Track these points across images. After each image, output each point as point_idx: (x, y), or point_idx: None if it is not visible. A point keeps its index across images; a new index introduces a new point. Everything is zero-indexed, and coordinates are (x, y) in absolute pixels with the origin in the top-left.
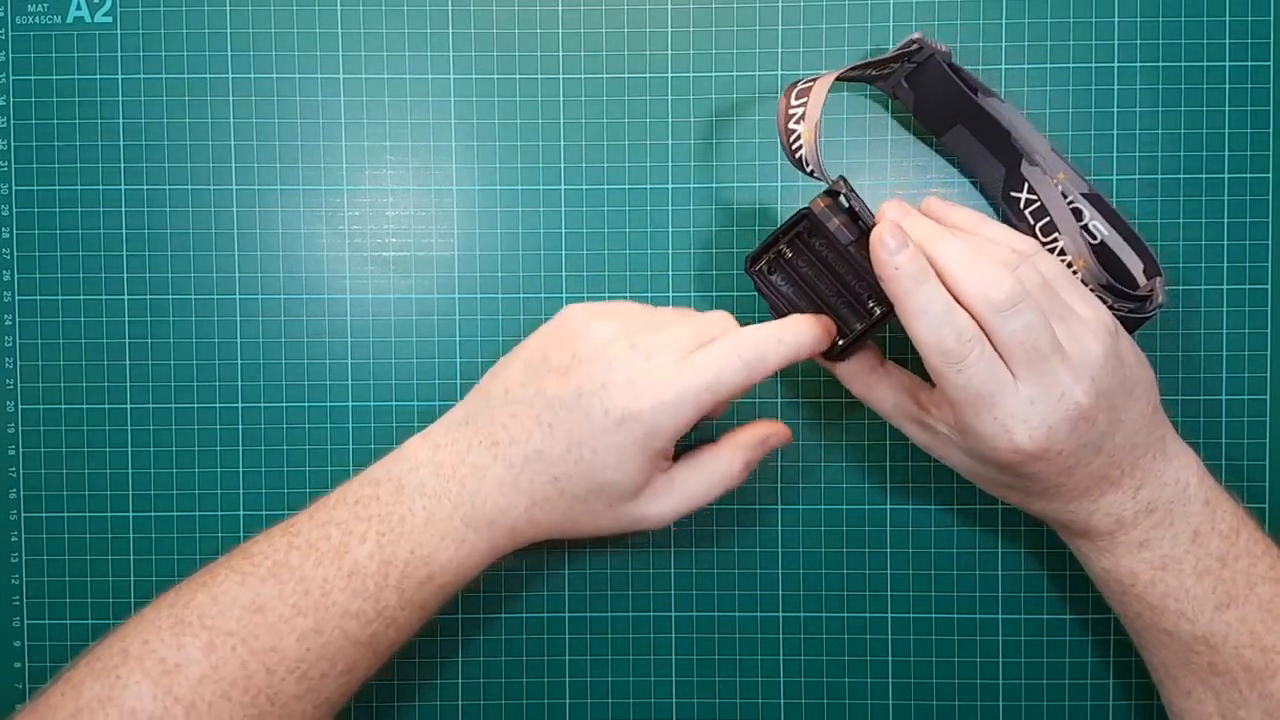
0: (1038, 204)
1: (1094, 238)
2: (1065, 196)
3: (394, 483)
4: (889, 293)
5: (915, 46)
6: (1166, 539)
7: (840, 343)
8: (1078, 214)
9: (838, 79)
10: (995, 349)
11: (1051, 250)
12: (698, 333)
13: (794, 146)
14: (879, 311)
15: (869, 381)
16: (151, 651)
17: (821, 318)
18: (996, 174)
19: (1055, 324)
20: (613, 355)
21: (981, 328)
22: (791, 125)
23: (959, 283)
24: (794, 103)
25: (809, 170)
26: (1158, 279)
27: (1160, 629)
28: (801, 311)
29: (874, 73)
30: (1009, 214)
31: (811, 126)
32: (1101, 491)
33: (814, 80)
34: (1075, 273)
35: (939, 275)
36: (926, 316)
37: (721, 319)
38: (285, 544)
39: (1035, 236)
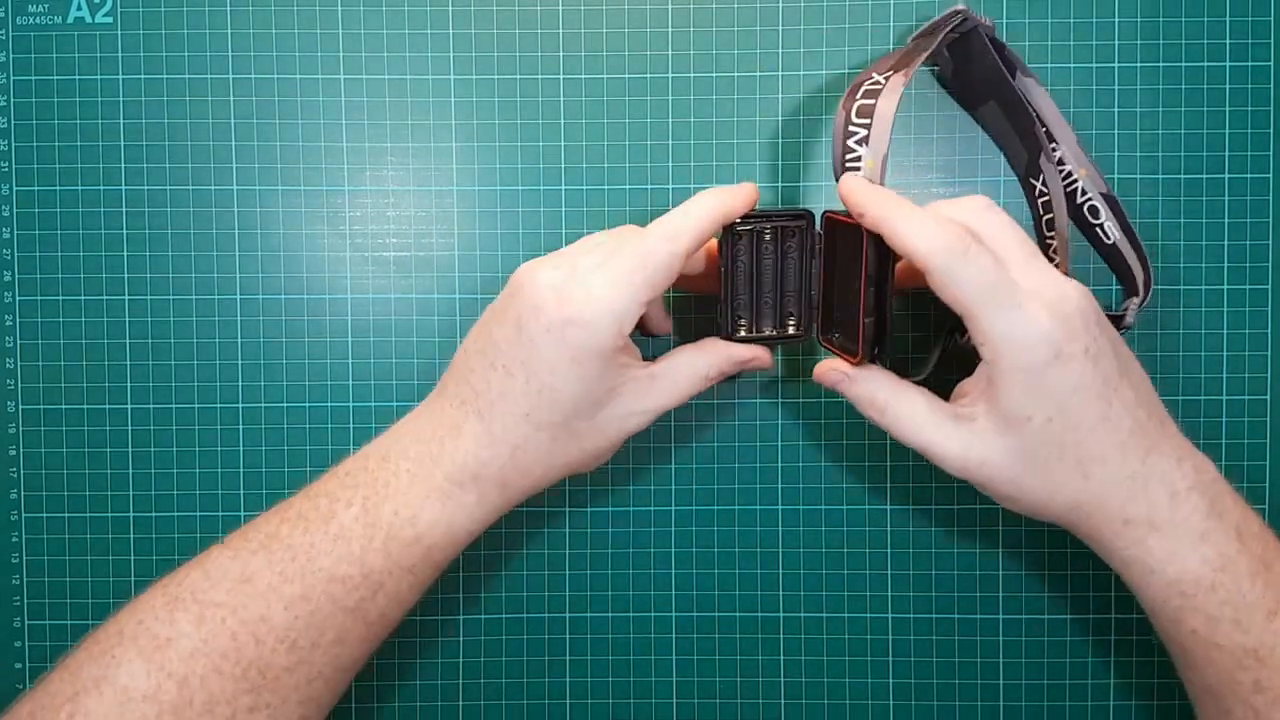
0: (1047, 198)
1: (1107, 238)
2: (1085, 193)
3: (380, 453)
4: (875, 216)
5: (959, 19)
6: (1219, 532)
7: (742, 334)
8: (1094, 212)
9: (898, 75)
10: None
11: (1047, 247)
12: (616, 235)
13: (846, 167)
14: (793, 331)
15: (896, 387)
16: (145, 629)
17: (740, 188)
18: (1021, 157)
19: None
20: (539, 279)
21: None
22: (851, 144)
23: (933, 210)
24: (855, 121)
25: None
26: (1133, 300)
27: (1212, 644)
28: (734, 289)
29: (921, 45)
30: (1026, 198)
31: (879, 159)
32: (1145, 450)
33: (880, 87)
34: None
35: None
36: (921, 220)
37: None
38: (277, 519)
39: (1040, 229)
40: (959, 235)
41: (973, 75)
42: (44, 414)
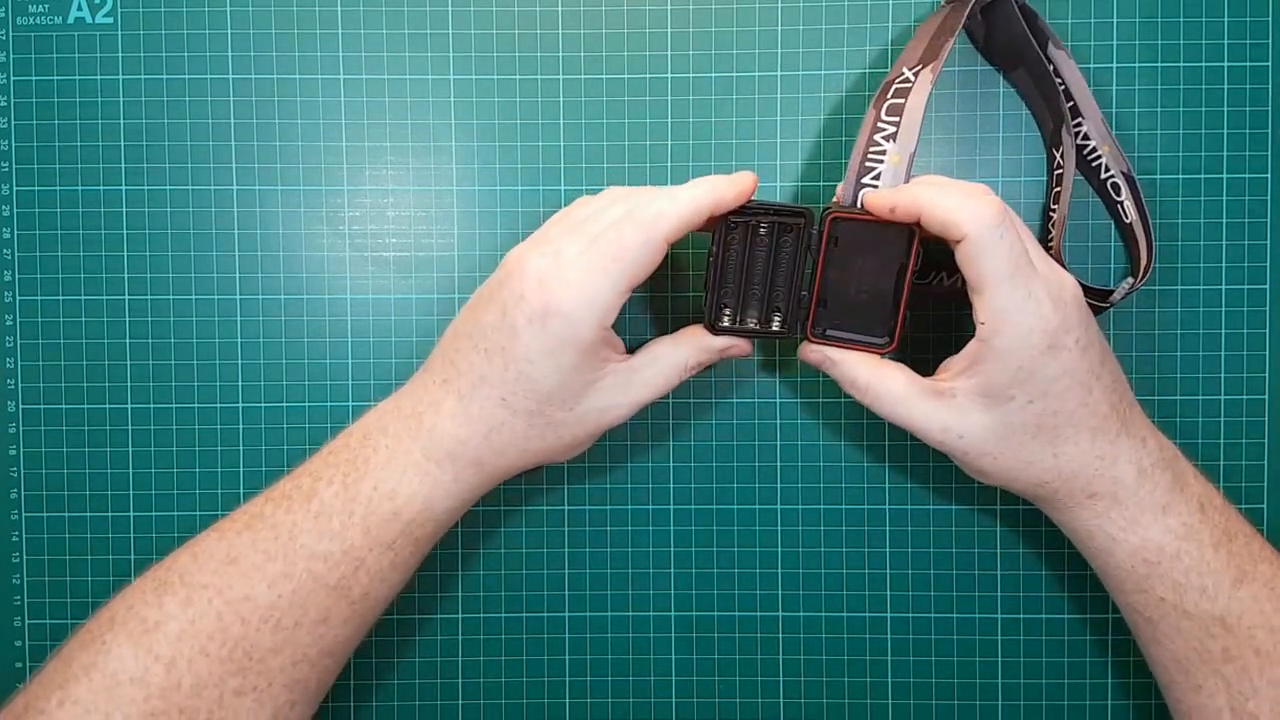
0: (1061, 171)
1: (1125, 217)
2: (1108, 170)
3: (362, 431)
4: (909, 203)
5: None
6: (1182, 504)
7: (725, 324)
8: (1116, 189)
9: (934, 63)
10: None
11: (1048, 219)
12: (602, 214)
13: (867, 160)
14: (777, 327)
15: (876, 366)
16: (135, 614)
17: (737, 179)
18: (1047, 125)
19: None
20: (527, 267)
21: None
22: (878, 139)
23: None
24: (885, 119)
25: (857, 193)
26: (1126, 280)
27: (1181, 612)
28: (723, 278)
29: (949, 24)
30: (1047, 166)
31: (905, 156)
32: (1115, 432)
33: (910, 85)
34: (1050, 250)
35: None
36: (960, 194)
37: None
38: (263, 499)
39: (1048, 200)
40: (1000, 211)
41: (1003, 41)
42: (44, 414)
